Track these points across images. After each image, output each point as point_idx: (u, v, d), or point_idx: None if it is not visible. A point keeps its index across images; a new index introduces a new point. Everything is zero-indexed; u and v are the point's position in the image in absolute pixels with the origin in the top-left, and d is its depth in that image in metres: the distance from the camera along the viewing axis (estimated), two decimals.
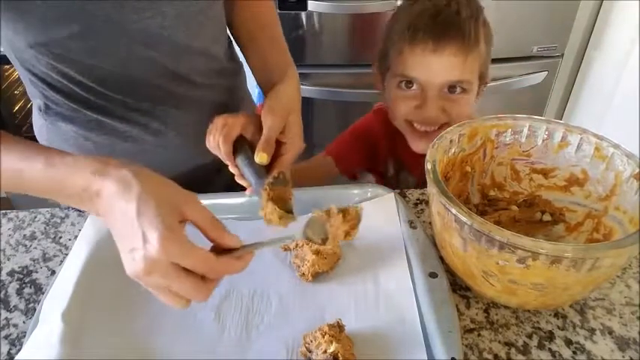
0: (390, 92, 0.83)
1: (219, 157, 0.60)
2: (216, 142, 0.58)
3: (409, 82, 0.79)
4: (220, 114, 0.80)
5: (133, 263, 0.41)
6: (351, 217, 0.57)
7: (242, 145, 0.59)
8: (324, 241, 0.54)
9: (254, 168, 0.57)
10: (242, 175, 0.60)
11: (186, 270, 0.41)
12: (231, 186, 0.86)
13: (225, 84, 0.77)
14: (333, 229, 0.55)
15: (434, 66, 0.76)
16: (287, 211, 0.54)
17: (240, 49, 0.76)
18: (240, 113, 0.60)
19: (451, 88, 0.78)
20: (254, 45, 0.74)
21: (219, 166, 0.81)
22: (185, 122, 0.72)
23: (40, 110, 0.70)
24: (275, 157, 0.58)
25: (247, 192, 0.61)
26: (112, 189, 0.42)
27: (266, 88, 0.67)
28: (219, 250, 0.45)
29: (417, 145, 0.83)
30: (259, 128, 0.59)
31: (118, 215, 0.42)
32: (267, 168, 0.58)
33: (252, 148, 0.59)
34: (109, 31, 0.59)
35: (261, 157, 0.56)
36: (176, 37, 0.64)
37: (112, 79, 0.64)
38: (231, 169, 0.60)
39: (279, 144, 0.59)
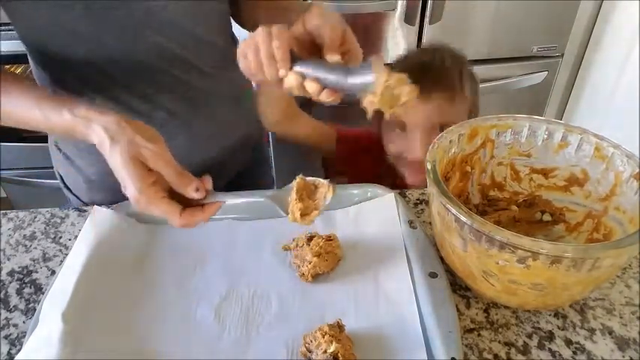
0: (385, 133, 0.90)
1: (263, 75, 0.53)
2: (267, 50, 0.51)
3: (402, 125, 0.85)
4: (227, 108, 0.78)
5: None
6: (318, 197, 0.55)
7: (293, 55, 0.52)
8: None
9: (326, 65, 0.51)
10: (306, 82, 0.52)
11: None
12: (235, 181, 0.87)
13: (231, 76, 0.76)
14: (290, 205, 0.54)
15: (424, 111, 0.82)
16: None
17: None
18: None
19: (442, 127, 0.80)
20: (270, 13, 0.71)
21: (224, 160, 0.81)
22: (191, 114, 0.72)
23: None
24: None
25: (327, 97, 0.53)
26: (95, 141, 0.50)
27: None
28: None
29: (413, 179, 0.88)
30: (308, 44, 0.54)
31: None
32: None
33: None
34: (113, 12, 0.60)
35: (335, 57, 0.52)
36: (180, 22, 0.65)
37: (120, 62, 0.65)
38: (291, 75, 0.52)
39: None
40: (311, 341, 0.50)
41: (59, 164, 0.81)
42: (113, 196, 0.70)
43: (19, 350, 0.51)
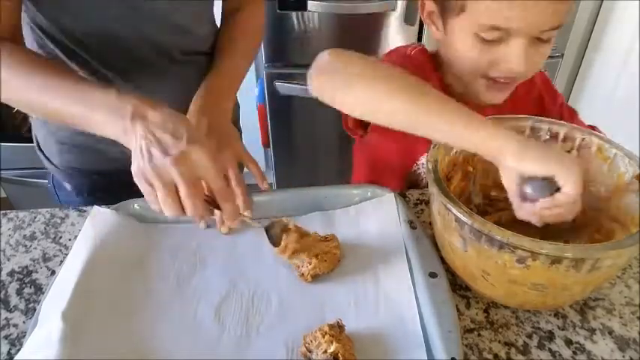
0: (460, 41, 0.66)
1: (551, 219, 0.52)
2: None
3: (495, 29, 0.61)
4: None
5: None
6: (323, 248, 0.60)
7: None
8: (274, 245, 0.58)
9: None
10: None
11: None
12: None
13: (205, 63, 0.78)
14: (283, 242, 0.58)
15: (536, 13, 0.59)
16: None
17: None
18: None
19: (542, 33, 0.62)
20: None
21: None
22: (158, 91, 0.74)
23: None
24: None
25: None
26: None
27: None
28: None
29: (492, 97, 0.70)
30: None
31: None
32: None
33: None
34: None
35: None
36: (157, 7, 0.68)
37: (96, 34, 0.67)
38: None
39: None
40: (311, 341, 0.50)
41: (36, 127, 0.83)
42: (82, 158, 0.80)
43: (19, 350, 0.51)
